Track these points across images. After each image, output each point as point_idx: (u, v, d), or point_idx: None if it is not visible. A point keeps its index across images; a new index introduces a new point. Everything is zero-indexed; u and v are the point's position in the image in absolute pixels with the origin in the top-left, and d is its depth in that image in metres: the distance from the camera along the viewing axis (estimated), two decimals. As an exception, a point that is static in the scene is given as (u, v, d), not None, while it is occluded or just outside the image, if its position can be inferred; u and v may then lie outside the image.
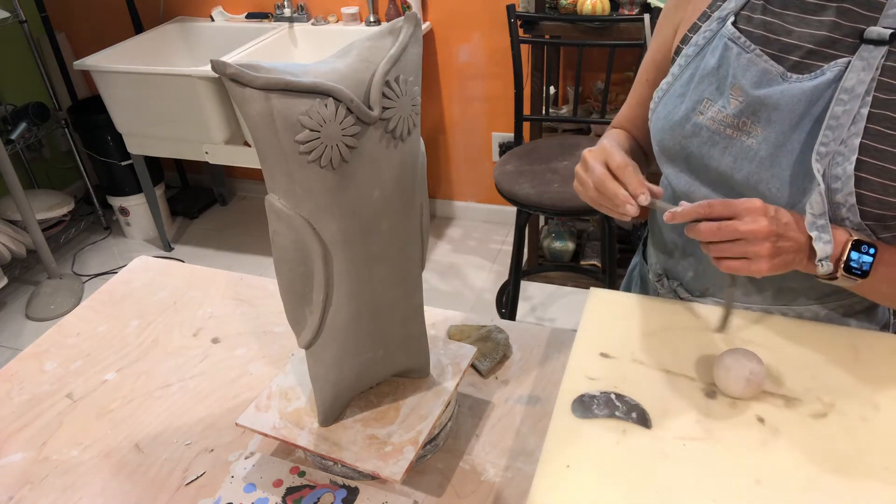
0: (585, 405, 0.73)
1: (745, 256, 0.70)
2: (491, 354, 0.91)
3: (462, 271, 2.63)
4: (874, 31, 0.71)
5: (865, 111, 0.72)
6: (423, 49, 0.75)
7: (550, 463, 0.66)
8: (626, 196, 0.76)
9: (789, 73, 0.77)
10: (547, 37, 2.19)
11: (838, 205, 0.75)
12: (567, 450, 0.68)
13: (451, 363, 0.82)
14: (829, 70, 0.74)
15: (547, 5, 2.18)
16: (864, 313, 0.87)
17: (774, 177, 0.78)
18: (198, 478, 0.79)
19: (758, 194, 0.80)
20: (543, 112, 2.23)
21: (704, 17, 0.86)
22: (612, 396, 0.73)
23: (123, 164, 2.73)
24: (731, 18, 0.82)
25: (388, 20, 2.44)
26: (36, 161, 2.98)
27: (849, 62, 0.72)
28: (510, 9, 2.02)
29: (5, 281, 2.49)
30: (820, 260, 0.72)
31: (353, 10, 2.50)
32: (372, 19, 2.46)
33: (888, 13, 0.71)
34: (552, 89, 2.37)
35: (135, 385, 0.93)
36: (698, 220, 0.72)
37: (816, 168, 0.74)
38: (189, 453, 0.82)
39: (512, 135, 2.47)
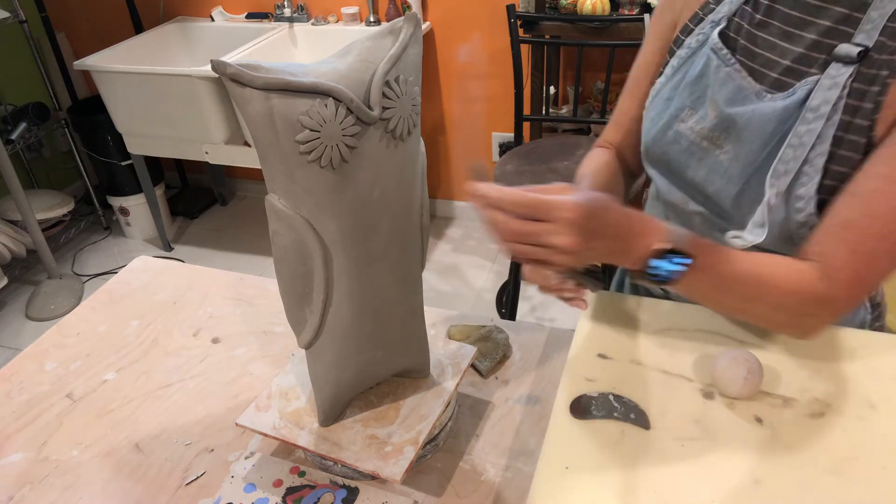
0: (584, 406, 0.73)
1: (541, 256, 0.61)
2: (491, 354, 0.91)
3: (462, 271, 2.63)
4: (844, 48, 0.69)
5: (831, 132, 0.70)
6: (423, 49, 0.75)
7: (549, 464, 0.66)
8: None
9: (765, 92, 0.75)
10: (547, 37, 2.19)
11: (800, 224, 0.74)
12: (566, 451, 0.68)
13: (451, 363, 0.82)
14: (801, 89, 0.72)
15: (547, 5, 2.18)
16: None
17: (744, 194, 0.77)
18: (198, 478, 0.79)
19: (725, 211, 0.80)
20: (543, 112, 2.23)
21: (696, 18, 0.84)
22: (611, 397, 0.73)
23: (123, 164, 2.73)
24: (721, 26, 0.80)
25: (388, 20, 2.44)
26: (36, 161, 2.98)
27: (818, 80, 0.71)
28: (510, 9, 2.02)
29: (5, 281, 2.49)
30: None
31: (353, 10, 2.50)
32: (372, 19, 2.46)
33: (863, 28, 0.69)
34: (552, 89, 2.37)
35: (135, 385, 0.93)
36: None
37: (770, 183, 0.73)
38: (189, 453, 0.82)
39: (512, 135, 2.47)
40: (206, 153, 2.44)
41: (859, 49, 0.68)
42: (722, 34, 0.80)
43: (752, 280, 0.68)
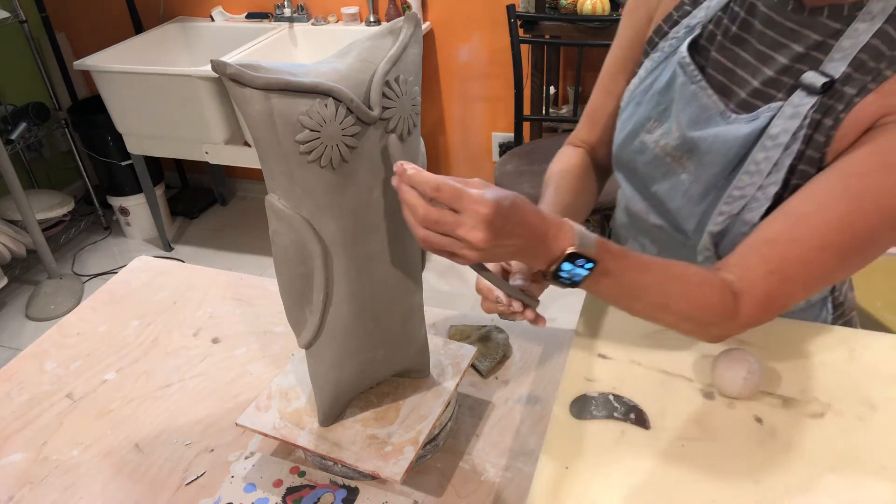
0: (584, 406, 0.73)
1: (451, 248, 0.59)
2: (491, 354, 0.91)
3: (462, 271, 2.63)
4: (809, 76, 0.68)
5: (788, 161, 0.69)
6: (423, 49, 0.75)
7: (549, 464, 0.66)
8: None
9: (730, 112, 0.74)
10: (547, 37, 2.19)
11: None
12: (566, 451, 0.68)
13: (451, 363, 0.82)
14: (764, 114, 0.71)
15: (547, 5, 2.18)
16: (801, 312, 0.87)
17: (703, 215, 0.77)
18: (198, 478, 0.79)
19: (684, 229, 0.80)
20: (543, 112, 2.23)
21: (670, 20, 0.82)
22: (611, 397, 0.73)
23: (123, 164, 2.73)
24: (695, 34, 0.78)
25: (388, 20, 2.44)
26: (36, 161, 2.98)
27: (781, 107, 0.69)
28: (510, 9, 2.02)
29: (5, 281, 2.49)
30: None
31: (353, 10, 2.50)
32: (372, 19, 2.46)
33: (833, 56, 0.67)
34: (552, 89, 2.37)
35: (135, 385, 0.93)
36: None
37: (720, 210, 0.72)
38: (189, 453, 0.82)
39: (512, 135, 2.47)
40: (206, 153, 2.44)
41: (824, 80, 0.66)
42: (693, 42, 0.78)
43: (661, 290, 0.67)
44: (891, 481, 0.63)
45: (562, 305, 2.49)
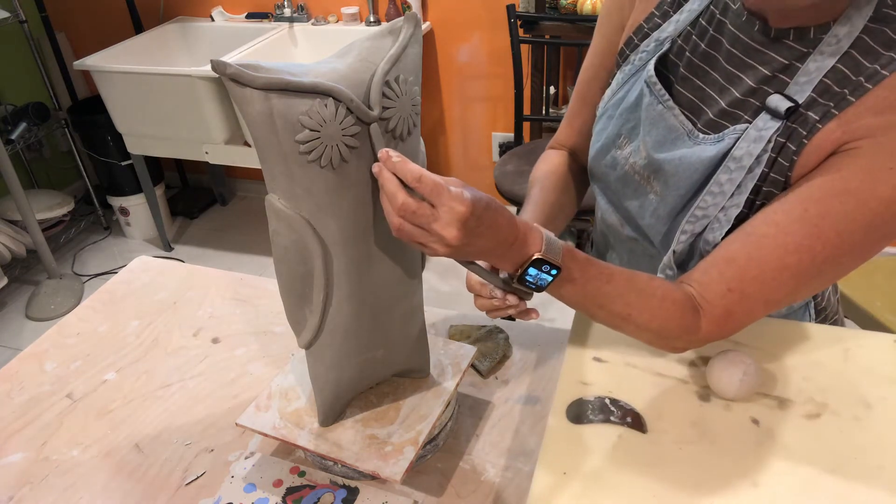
0: (580, 411, 0.73)
1: (422, 240, 0.60)
2: (491, 354, 0.91)
3: (462, 271, 2.62)
4: (774, 100, 0.67)
5: (751, 185, 0.69)
6: (423, 49, 0.75)
7: (547, 470, 0.66)
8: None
9: (698, 132, 0.73)
10: (547, 37, 2.19)
11: None
12: (563, 456, 0.68)
13: (451, 363, 0.82)
14: (729, 136, 0.70)
15: (547, 5, 2.18)
16: (783, 318, 0.87)
17: (670, 233, 0.77)
18: (198, 478, 0.79)
19: (655, 245, 0.80)
20: (543, 112, 2.23)
21: (641, 32, 0.81)
22: (607, 401, 0.73)
23: (123, 164, 2.73)
24: (664, 49, 0.77)
25: (388, 20, 2.44)
26: (36, 161, 2.98)
27: (746, 129, 0.69)
28: (510, 9, 2.02)
29: (5, 281, 2.49)
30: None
31: (353, 10, 2.50)
32: (372, 19, 2.46)
33: (798, 80, 0.66)
34: (552, 89, 2.37)
35: (135, 385, 0.93)
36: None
37: (684, 229, 0.73)
38: (189, 453, 0.82)
39: (512, 135, 2.47)
40: (206, 153, 2.44)
41: (788, 105, 0.66)
42: (662, 58, 0.78)
43: (624, 301, 0.68)
44: (888, 481, 0.63)
45: (561, 305, 2.49)
